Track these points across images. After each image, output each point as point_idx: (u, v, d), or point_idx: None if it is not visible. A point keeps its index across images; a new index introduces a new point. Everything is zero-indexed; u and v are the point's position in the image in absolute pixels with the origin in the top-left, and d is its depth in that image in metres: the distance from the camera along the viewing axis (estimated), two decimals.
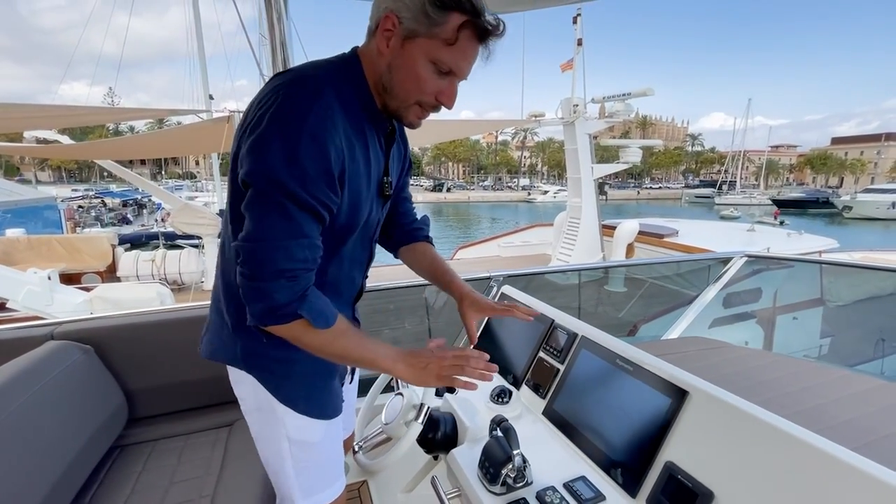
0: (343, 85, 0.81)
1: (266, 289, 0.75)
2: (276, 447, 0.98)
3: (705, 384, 0.98)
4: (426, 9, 0.74)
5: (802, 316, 5.54)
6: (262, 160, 0.72)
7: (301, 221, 0.75)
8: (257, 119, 0.75)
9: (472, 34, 0.77)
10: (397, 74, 0.80)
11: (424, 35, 0.76)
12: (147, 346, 1.60)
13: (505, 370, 1.59)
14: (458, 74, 0.81)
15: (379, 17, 0.78)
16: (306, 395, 0.97)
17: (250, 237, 0.74)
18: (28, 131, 8.30)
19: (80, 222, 19.93)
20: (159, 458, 1.40)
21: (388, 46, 0.78)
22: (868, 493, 0.68)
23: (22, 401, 1.16)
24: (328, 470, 1.06)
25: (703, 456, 0.90)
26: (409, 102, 0.83)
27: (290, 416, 0.95)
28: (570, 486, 1.03)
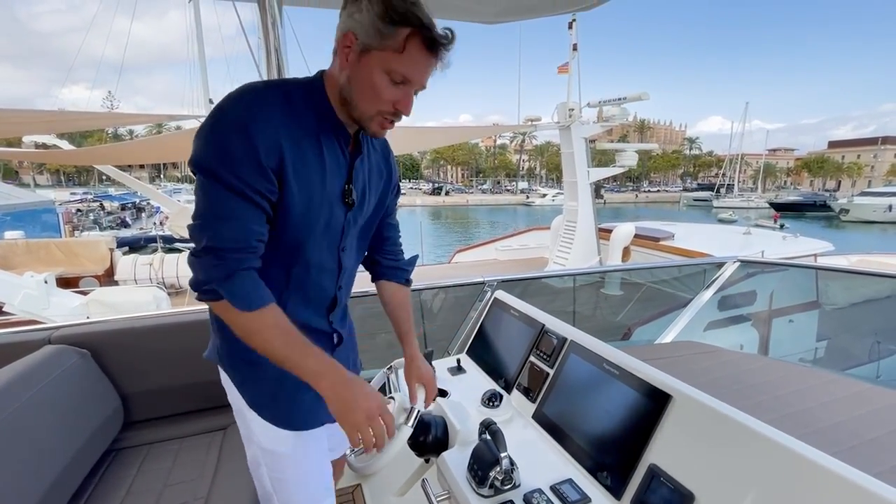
0: (296, 92, 0.87)
1: (197, 263, 0.82)
2: (252, 455, 1.01)
3: (688, 388, 1.00)
4: (377, 24, 0.80)
5: (798, 319, 5.56)
6: (200, 149, 0.80)
7: (231, 204, 0.80)
8: (209, 115, 0.83)
9: (420, 44, 0.82)
10: (356, 86, 0.85)
11: (377, 48, 0.81)
12: (143, 351, 1.62)
13: (497, 374, 1.61)
14: (412, 82, 0.86)
15: (338, 35, 0.85)
16: (272, 401, 0.96)
17: (192, 218, 0.82)
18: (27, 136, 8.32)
19: (79, 226, 19.90)
20: (154, 462, 1.41)
21: (347, 61, 0.84)
22: (843, 496, 0.70)
23: (19, 404, 1.17)
24: (310, 488, 1.04)
25: (686, 458, 0.92)
26: (369, 113, 0.88)
27: (257, 422, 0.95)
28: (557, 488, 1.05)
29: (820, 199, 44.96)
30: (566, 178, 8.30)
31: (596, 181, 8.42)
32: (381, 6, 0.79)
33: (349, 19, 0.83)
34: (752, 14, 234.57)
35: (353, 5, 0.82)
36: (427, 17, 0.81)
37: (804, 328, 5.51)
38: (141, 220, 25.89)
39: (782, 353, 5.30)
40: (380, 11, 0.79)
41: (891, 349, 4.59)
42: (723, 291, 5.53)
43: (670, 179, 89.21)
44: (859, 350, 5.04)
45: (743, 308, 5.51)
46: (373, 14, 0.79)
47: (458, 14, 1.74)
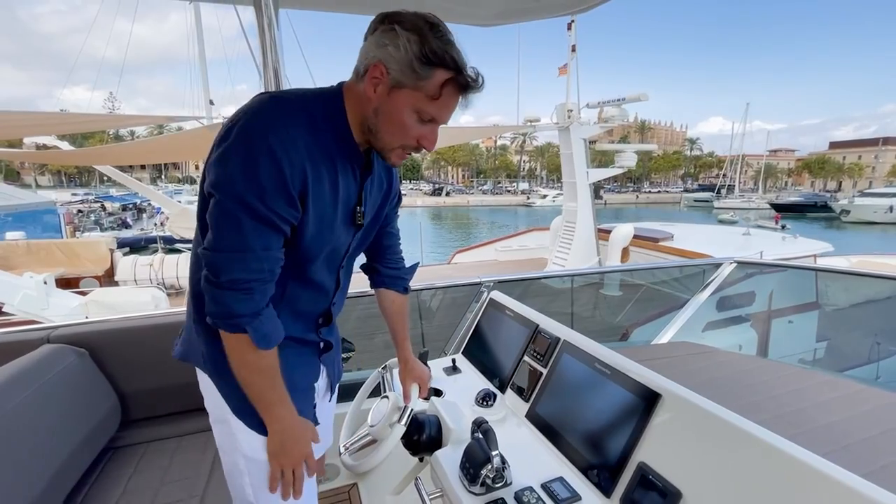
0: (318, 113, 0.86)
1: (222, 296, 0.81)
2: (234, 462, 0.98)
3: (677, 387, 1.01)
4: (413, 64, 0.79)
5: (798, 319, 5.57)
6: (224, 173, 0.77)
7: (258, 233, 0.80)
8: (226, 132, 0.79)
9: (454, 89, 0.84)
10: (383, 120, 0.85)
11: (410, 87, 0.82)
12: (141, 350, 1.63)
13: (492, 374, 1.62)
14: (439, 122, 0.88)
15: (368, 63, 0.83)
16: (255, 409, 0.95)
17: (211, 246, 0.80)
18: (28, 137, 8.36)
19: (80, 226, 19.97)
20: (151, 460, 1.43)
21: (376, 92, 0.83)
22: (827, 493, 0.71)
23: (17, 402, 1.19)
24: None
25: (674, 456, 0.93)
26: (393, 146, 0.89)
27: (242, 430, 0.95)
28: (548, 486, 1.06)
29: (821, 200, 44.91)
30: (565, 178, 8.32)
31: (595, 182, 8.44)
32: (419, 47, 0.79)
33: (380, 49, 0.81)
34: (753, 14, 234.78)
35: (386, 36, 0.81)
36: (462, 58, 0.82)
37: (803, 329, 5.52)
38: (142, 221, 25.96)
39: (781, 354, 5.30)
40: (417, 52, 0.79)
41: (890, 350, 4.59)
42: (721, 292, 5.54)
43: (671, 180, 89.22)
44: (859, 351, 5.05)
45: (741, 309, 5.52)
46: (410, 54, 0.79)
47: (455, 17, 1.76)
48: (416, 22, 0.80)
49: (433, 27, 0.81)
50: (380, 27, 0.82)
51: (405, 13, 0.82)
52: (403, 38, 0.79)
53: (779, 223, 21.29)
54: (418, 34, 0.79)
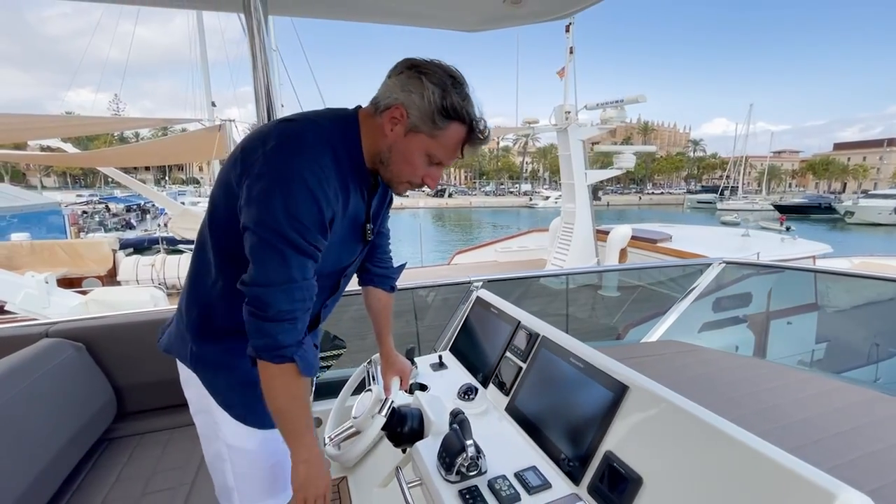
0: (339, 145, 0.92)
1: (270, 329, 0.85)
2: (216, 450, 1.04)
3: (644, 380, 1.05)
4: (434, 115, 0.88)
5: (797, 321, 5.57)
6: (267, 212, 0.81)
7: (299, 265, 0.85)
8: (261, 166, 0.83)
9: (464, 140, 0.93)
10: (395, 156, 0.93)
11: (426, 133, 0.90)
12: (136, 345, 1.68)
13: (476, 370, 1.66)
14: (445, 165, 0.96)
15: (390, 103, 0.90)
16: (242, 401, 1.01)
17: (256, 282, 0.84)
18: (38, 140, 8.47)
19: (84, 227, 20.11)
20: (144, 450, 1.48)
21: (392, 131, 0.91)
22: (778, 481, 0.73)
23: (15, 393, 1.24)
24: (270, 482, 1.09)
25: (637, 444, 0.98)
26: (400, 179, 0.97)
27: (227, 421, 1.00)
28: (521, 475, 1.10)
29: (825, 202, 44.70)
30: (564, 179, 8.35)
31: (594, 183, 8.47)
32: (440, 101, 0.87)
33: (404, 93, 0.88)
34: (758, 16, 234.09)
35: (412, 83, 0.88)
36: (475, 113, 0.91)
37: (803, 330, 5.52)
38: (145, 222, 26.11)
39: (780, 355, 5.31)
40: (439, 105, 0.87)
41: (890, 351, 4.61)
42: (717, 293, 5.56)
43: (674, 181, 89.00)
44: (858, 352, 5.06)
45: (738, 310, 5.53)
46: (432, 105, 0.87)
47: (440, 23, 1.81)
48: (441, 76, 0.88)
49: (455, 83, 0.89)
50: (406, 72, 0.89)
51: (432, 65, 0.90)
52: (429, 90, 0.87)
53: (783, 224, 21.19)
54: (442, 89, 0.87)
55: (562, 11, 1.66)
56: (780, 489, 0.72)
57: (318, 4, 1.64)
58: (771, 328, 5.48)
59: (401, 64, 0.92)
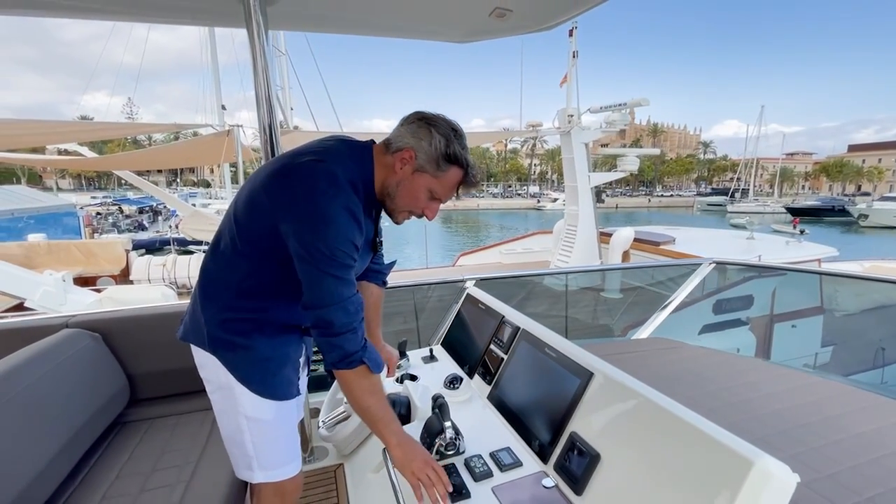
0: (359, 181, 1.08)
1: (338, 342, 1.01)
2: (235, 423, 1.16)
3: (607, 366, 1.14)
4: (438, 160, 1.07)
5: (801, 324, 5.57)
6: (319, 244, 0.97)
7: (348, 284, 1.01)
8: (305, 206, 0.98)
9: (460, 181, 1.13)
10: (402, 191, 1.10)
11: (430, 174, 1.08)
12: (149, 336, 1.81)
13: (463, 361, 1.76)
14: (442, 200, 1.15)
15: (402, 146, 1.07)
16: (260, 377, 1.14)
17: (317, 304, 0.99)
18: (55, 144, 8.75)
19: (98, 228, 20.55)
20: (155, 433, 1.60)
21: (402, 169, 1.09)
22: (717, 456, 0.80)
23: (37, 378, 1.36)
24: (284, 450, 1.23)
25: (598, 425, 1.07)
26: (402, 209, 1.14)
27: (246, 395, 1.13)
28: (495, 454, 1.20)
29: (838, 204, 44.00)
30: (567, 182, 8.42)
31: (597, 186, 8.52)
32: (445, 148, 1.06)
33: (413, 139, 1.07)
34: (771, 16, 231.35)
35: (421, 131, 1.06)
36: (471, 160, 1.11)
37: (808, 333, 5.52)
38: (157, 224, 26.56)
39: (784, 359, 5.32)
40: (443, 152, 1.06)
41: None
42: (718, 295, 5.58)
43: (684, 184, 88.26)
44: (865, 356, 5.05)
45: (740, 312, 5.54)
46: (438, 151, 1.06)
47: (430, 35, 1.92)
48: (446, 129, 1.08)
49: (457, 135, 1.09)
50: (417, 122, 1.08)
51: (439, 119, 1.09)
52: (436, 139, 1.06)
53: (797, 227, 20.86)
54: (447, 139, 1.07)
55: (542, 25, 1.76)
56: (711, 458, 0.81)
57: (315, 20, 1.75)
58: (775, 331, 5.48)
59: (413, 115, 1.11)
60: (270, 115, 1.61)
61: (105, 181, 62.24)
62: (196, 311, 1.15)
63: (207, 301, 1.12)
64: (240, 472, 1.22)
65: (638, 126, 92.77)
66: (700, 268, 3.19)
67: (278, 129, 1.64)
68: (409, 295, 3.07)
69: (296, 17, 1.73)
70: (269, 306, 1.14)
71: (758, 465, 0.74)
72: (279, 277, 1.10)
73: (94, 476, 1.38)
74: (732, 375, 1.97)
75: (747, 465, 0.75)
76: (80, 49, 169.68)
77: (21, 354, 1.41)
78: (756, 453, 0.76)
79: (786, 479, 0.74)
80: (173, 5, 1.72)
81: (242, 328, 1.12)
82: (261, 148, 1.68)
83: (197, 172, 68.49)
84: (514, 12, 1.73)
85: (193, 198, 30.96)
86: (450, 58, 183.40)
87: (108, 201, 33.53)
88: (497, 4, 1.68)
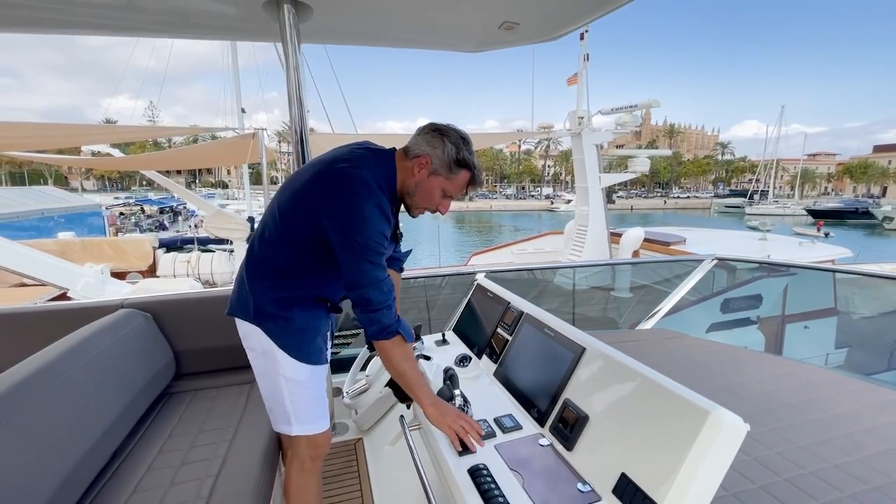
0: (384, 184, 1.27)
1: (376, 317, 1.21)
2: (276, 384, 1.36)
3: (597, 342, 1.30)
4: (450, 164, 1.27)
5: (814, 325, 5.57)
6: (358, 236, 1.17)
7: (381, 268, 1.21)
8: (347, 205, 1.18)
9: (469, 181, 1.33)
10: (419, 191, 1.30)
11: (444, 176, 1.29)
12: (192, 318, 2.02)
13: (472, 344, 1.93)
14: (453, 197, 1.35)
15: (419, 153, 1.27)
16: (297, 344, 1.34)
17: (357, 286, 1.19)
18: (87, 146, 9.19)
19: (121, 228, 21.28)
20: (198, 403, 1.80)
21: (419, 173, 1.28)
22: (677, 406, 0.96)
23: (97, 352, 1.56)
24: (316, 408, 1.43)
25: (587, 391, 1.23)
26: (419, 206, 1.34)
27: (286, 360, 1.33)
28: (498, 419, 1.37)
29: (862, 207, 42.85)
30: (578, 183, 8.53)
31: (608, 186, 8.60)
32: (454, 155, 1.26)
33: (428, 146, 1.26)
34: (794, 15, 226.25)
35: (435, 140, 1.26)
36: (477, 163, 1.31)
37: (820, 335, 5.52)
38: (177, 224, 27.32)
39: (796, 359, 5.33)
40: (454, 157, 1.26)
41: None
42: (726, 294, 5.63)
43: (701, 185, 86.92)
44: (880, 358, 5.06)
45: (748, 311, 5.58)
46: (450, 157, 1.26)
47: (445, 46, 2.10)
48: (456, 138, 1.27)
49: (465, 143, 1.28)
50: (431, 132, 1.28)
51: (450, 129, 1.29)
52: (448, 146, 1.26)
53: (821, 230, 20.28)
54: (457, 147, 1.26)
55: (548, 36, 1.93)
56: (676, 411, 0.96)
57: (342, 35, 1.95)
58: (787, 331, 5.50)
59: (427, 126, 1.31)
60: (301, 121, 1.81)
61: (127, 182, 64.00)
62: (243, 290, 1.34)
63: (254, 280, 1.32)
64: (279, 427, 1.41)
65: (654, 127, 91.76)
66: (702, 264, 3.30)
67: (308, 134, 1.83)
68: (422, 292, 3.26)
69: (325, 32, 1.93)
70: (305, 284, 1.33)
71: (713, 414, 0.90)
72: (313, 261, 1.30)
73: (151, 434, 1.59)
74: (726, 362, 2.10)
75: (704, 414, 0.90)
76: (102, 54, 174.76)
77: (87, 330, 1.63)
78: (712, 405, 0.91)
79: (737, 427, 0.89)
80: (213, 24, 1.93)
81: (283, 303, 1.31)
82: (292, 150, 1.87)
83: (215, 174, 69.96)
84: (521, 25, 1.90)
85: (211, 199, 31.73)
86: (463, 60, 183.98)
87: (130, 202, 34.57)
88: (505, 18, 1.85)
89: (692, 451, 0.89)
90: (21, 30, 1.89)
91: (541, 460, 1.18)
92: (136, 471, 1.39)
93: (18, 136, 5.60)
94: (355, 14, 1.79)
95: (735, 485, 1.32)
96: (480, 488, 1.07)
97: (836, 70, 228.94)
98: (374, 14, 1.78)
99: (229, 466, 1.40)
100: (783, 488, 1.29)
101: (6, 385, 1.16)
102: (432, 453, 1.31)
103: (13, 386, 1.17)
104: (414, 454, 1.33)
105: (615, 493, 0.99)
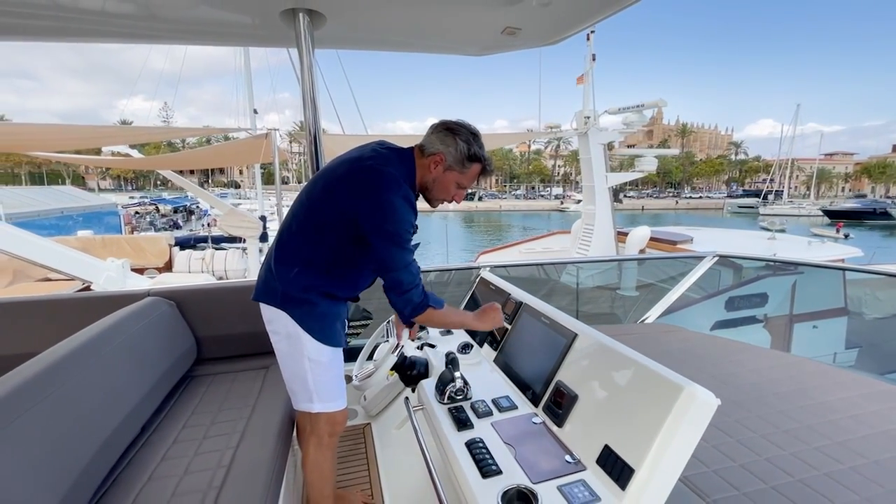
0: (405, 180, 1.39)
1: (409, 296, 1.35)
2: (299, 364, 1.47)
3: (587, 328, 1.39)
4: (463, 160, 1.40)
5: (823, 325, 5.55)
6: (388, 223, 1.31)
7: (409, 252, 1.35)
8: (378, 198, 1.31)
9: (481, 173, 1.47)
10: (437, 185, 1.44)
11: (457, 171, 1.42)
12: (213, 306, 2.15)
13: (474, 334, 2.03)
14: (466, 189, 1.49)
15: (434, 151, 1.40)
16: (320, 328, 1.45)
17: (390, 268, 1.32)
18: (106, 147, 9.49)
19: (137, 226, 21.76)
20: (217, 386, 1.93)
21: (435, 169, 1.41)
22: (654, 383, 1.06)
23: (126, 336, 1.69)
24: (336, 387, 1.54)
25: (578, 373, 1.32)
26: (437, 199, 1.48)
27: (310, 342, 1.44)
28: (496, 400, 1.47)
29: (880, 207, 41.97)
30: (585, 182, 8.57)
31: (615, 186, 8.62)
32: (466, 151, 1.39)
33: (442, 145, 1.39)
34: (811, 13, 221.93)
35: (448, 138, 1.39)
36: (487, 156, 1.44)
37: (830, 335, 5.50)
38: (191, 222, 27.83)
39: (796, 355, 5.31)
40: (466, 153, 1.39)
41: None
42: (731, 292, 5.63)
43: (714, 185, 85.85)
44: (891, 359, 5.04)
45: (754, 310, 5.58)
46: (462, 154, 1.39)
47: (451, 50, 2.20)
48: (467, 135, 1.40)
49: (475, 138, 1.41)
50: (443, 131, 1.40)
51: (461, 127, 1.40)
52: (461, 144, 1.39)
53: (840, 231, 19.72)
54: (467, 143, 1.39)
55: (548, 40, 2.02)
56: (654, 387, 1.06)
57: (354, 40, 2.06)
58: (795, 331, 5.49)
59: (440, 124, 1.42)
60: (315, 122, 1.92)
61: (142, 182, 65.20)
62: (270, 276, 1.46)
63: (282, 267, 1.43)
64: (300, 405, 1.52)
65: (666, 126, 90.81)
66: (703, 261, 3.35)
67: (321, 135, 1.95)
68: (430, 287, 3.36)
69: (338, 39, 2.05)
70: (329, 271, 1.44)
71: (686, 389, 0.98)
72: (337, 249, 1.41)
73: (175, 412, 1.72)
74: (719, 354, 2.17)
75: (678, 389, 0.99)
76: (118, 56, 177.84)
77: (116, 315, 1.76)
78: (686, 382, 1.00)
79: (708, 402, 0.98)
80: (231, 32, 2.06)
81: (308, 290, 1.43)
82: (305, 150, 1.99)
83: (227, 174, 70.94)
84: (522, 30, 2.00)
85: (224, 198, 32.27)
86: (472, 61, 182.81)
87: (145, 201, 35.27)
88: (507, 24, 1.95)
89: (666, 422, 0.98)
90: (49, 39, 2.03)
91: (532, 436, 1.27)
92: (164, 442, 1.51)
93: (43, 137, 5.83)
94: (366, 21, 1.91)
95: (716, 462, 1.40)
96: (475, 457, 1.17)
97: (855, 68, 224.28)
98: (383, 21, 1.90)
99: (247, 440, 1.52)
100: (762, 466, 1.37)
101: (49, 362, 1.29)
102: (434, 431, 1.42)
103: (55, 362, 1.30)
104: (418, 433, 1.43)
105: (598, 463, 1.08)
